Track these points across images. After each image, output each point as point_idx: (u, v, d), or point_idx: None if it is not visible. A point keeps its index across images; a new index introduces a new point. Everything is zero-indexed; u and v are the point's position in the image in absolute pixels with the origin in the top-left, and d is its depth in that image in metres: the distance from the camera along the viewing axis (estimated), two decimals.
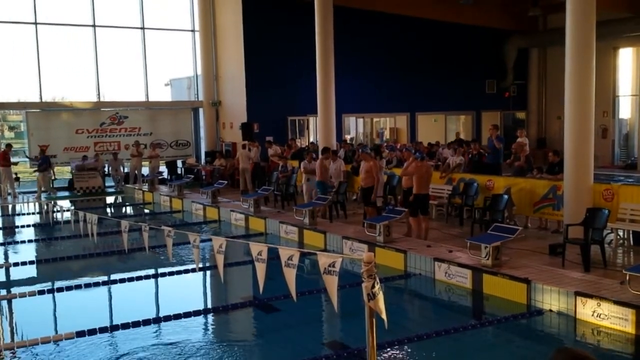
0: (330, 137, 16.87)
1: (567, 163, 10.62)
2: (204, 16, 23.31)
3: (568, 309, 7.45)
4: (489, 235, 9.10)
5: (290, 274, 4.73)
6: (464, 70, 25.00)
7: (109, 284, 9.80)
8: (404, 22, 23.14)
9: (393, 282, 9.44)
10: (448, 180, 13.49)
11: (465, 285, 8.74)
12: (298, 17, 19.99)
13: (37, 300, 8.72)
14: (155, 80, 23.76)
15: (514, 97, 27.05)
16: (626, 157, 24.50)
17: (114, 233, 12.19)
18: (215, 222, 15.13)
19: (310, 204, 13.01)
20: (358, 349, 6.31)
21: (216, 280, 9.33)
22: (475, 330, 7.45)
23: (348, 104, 21.09)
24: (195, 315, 7.88)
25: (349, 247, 10.85)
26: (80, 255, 11.57)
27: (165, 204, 17.96)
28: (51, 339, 6.94)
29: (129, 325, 7.37)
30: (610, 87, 24.27)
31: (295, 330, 7.62)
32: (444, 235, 11.49)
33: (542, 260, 9.17)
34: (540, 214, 11.72)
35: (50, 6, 21.47)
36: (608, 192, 10.40)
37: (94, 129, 22.05)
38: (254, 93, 21.83)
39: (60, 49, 21.98)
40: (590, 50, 10.42)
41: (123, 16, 22.79)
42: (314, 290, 8.29)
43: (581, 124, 10.49)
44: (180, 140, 23.65)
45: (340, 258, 4.39)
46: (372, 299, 3.98)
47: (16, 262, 11.03)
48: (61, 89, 23.42)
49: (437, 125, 25.87)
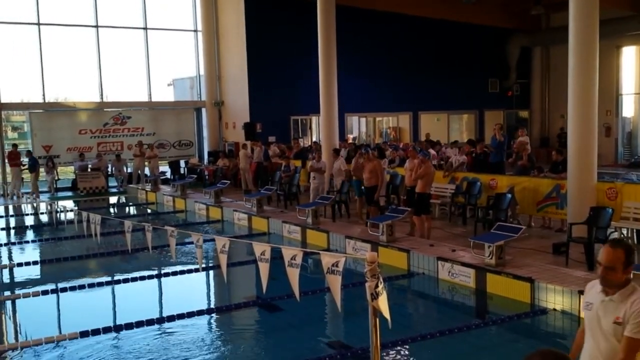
0: (333, 136, 16.85)
1: (571, 162, 10.60)
2: (206, 16, 23.32)
3: (572, 308, 7.42)
4: (492, 234, 9.08)
5: (294, 273, 4.73)
6: (467, 69, 24.98)
7: (112, 284, 9.81)
8: (407, 21, 23.13)
9: (396, 282, 9.43)
10: (451, 179, 13.48)
11: (469, 284, 8.73)
12: (300, 17, 19.98)
13: (41, 300, 8.73)
14: (158, 80, 23.85)
15: (516, 96, 27.04)
16: (630, 156, 24.46)
17: (117, 233, 12.20)
18: (218, 222, 15.13)
19: (313, 204, 13.01)
20: (361, 349, 6.30)
21: (219, 280, 9.33)
22: (479, 330, 7.44)
23: (351, 103, 21.08)
24: (198, 315, 7.87)
25: (352, 246, 10.84)
26: (83, 255, 11.59)
27: (168, 204, 17.98)
28: (55, 339, 6.94)
29: (133, 325, 7.37)
30: (613, 85, 24.24)
31: (298, 330, 7.62)
32: (447, 234, 11.47)
33: (546, 259, 9.16)
34: (544, 213, 11.70)
35: (53, 7, 21.51)
36: (612, 191, 10.36)
37: (97, 129, 22.09)
38: (256, 93, 21.85)
39: (63, 50, 22.02)
40: (593, 49, 10.39)
41: (126, 16, 22.83)
42: (317, 290, 8.29)
43: (584, 123, 10.46)
44: (183, 140, 23.68)
45: (343, 258, 4.39)
46: (376, 298, 3.97)
47: (20, 263, 11.05)
48: (64, 89, 23.49)
49: (439, 124, 25.86)
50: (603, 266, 3.35)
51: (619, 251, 3.34)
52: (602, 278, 3.37)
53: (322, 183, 14.68)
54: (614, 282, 3.35)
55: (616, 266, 3.31)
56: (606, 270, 3.34)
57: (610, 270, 3.32)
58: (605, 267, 3.34)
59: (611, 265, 3.32)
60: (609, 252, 3.34)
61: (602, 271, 3.36)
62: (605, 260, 3.34)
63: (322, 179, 14.68)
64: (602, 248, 3.40)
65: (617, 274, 3.33)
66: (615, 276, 3.33)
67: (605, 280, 3.36)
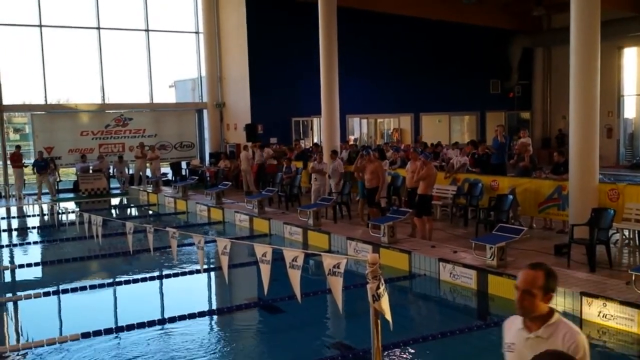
0: (335, 138, 16.86)
1: (572, 163, 10.59)
2: (207, 18, 23.34)
3: (574, 309, 7.42)
4: (493, 235, 9.07)
5: (295, 275, 4.73)
6: (468, 71, 24.97)
7: (113, 286, 9.82)
8: (408, 22, 23.13)
9: (398, 283, 9.42)
10: (452, 180, 13.47)
11: (470, 285, 8.72)
12: (301, 19, 19.99)
13: (42, 301, 8.74)
14: (159, 82, 23.88)
15: (518, 97, 27.01)
16: (631, 157, 24.42)
17: (118, 234, 12.20)
18: (219, 223, 15.13)
19: (314, 205, 13.01)
20: (363, 350, 6.30)
21: (221, 281, 9.32)
22: (480, 331, 7.42)
23: (352, 105, 21.08)
24: (200, 317, 7.87)
25: (353, 247, 10.84)
26: (85, 256, 11.60)
27: (170, 206, 17.98)
28: (56, 341, 6.95)
29: (134, 326, 7.38)
30: (615, 86, 24.21)
31: (299, 332, 7.61)
32: (448, 235, 11.47)
33: (548, 261, 9.12)
34: (545, 214, 11.69)
35: (55, 9, 21.55)
36: (613, 192, 10.35)
37: (98, 130, 22.11)
38: (257, 94, 21.86)
39: (65, 51, 22.05)
40: (595, 50, 10.38)
41: (127, 18, 22.86)
42: (319, 291, 8.28)
43: (586, 124, 10.45)
44: (185, 142, 23.69)
45: (344, 259, 4.38)
46: (377, 300, 3.96)
47: (21, 264, 11.06)
48: (66, 91, 23.55)
49: (441, 125, 25.86)
50: (520, 290, 2.93)
51: (539, 273, 2.95)
52: (519, 304, 2.95)
53: (323, 184, 14.69)
54: (532, 310, 2.93)
55: (534, 290, 2.90)
56: (523, 295, 2.92)
57: (528, 295, 2.91)
58: (523, 291, 2.92)
59: (528, 288, 2.90)
60: (527, 274, 2.95)
61: (519, 296, 2.94)
62: (522, 282, 2.93)
63: (323, 181, 14.69)
64: (520, 271, 3.01)
65: (535, 301, 2.91)
66: (534, 303, 2.91)
67: (522, 308, 2.94)
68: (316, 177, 14.74)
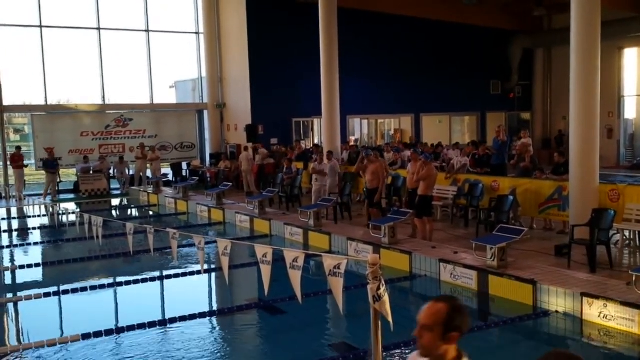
0: (335, 138, 16.86)
1: (573, 164, 10.59)
2: (208, 19, 23.34)
3: (574, 310, 7.41)
4: (494, 236, 9.07)
5: (296, 275, 4.73)
6: (469, 71, 24.97)
7: (114, 286, 9.82)
8: (408, 22, 23.12)
9: (398, 284, 9.41)
10: (453, 181, 13.47)
11: (471, 286, 8.72)
12: (302, 19, 20.00)
13: (43, 302, 8.75)
14: (160, 82, 23.86)
15: (518, 97, 27.00)
16: (632, 158, 24.41)
17: (119, 235, 12.20)
18: (220, 224, 15.13)
19: (315, 206, 13.02)
20: (364, 351, 6.30)
21: (221, 282, 9.31)
22: (481, 332, 7.41)
23: (352, 106, 21.08)
24: (200, 317, 7.87)
25: (354, 248, 10.83)
26: (85, 257, 11.59)
27: (170, 206, 17.98)
28: (57, 342, 6.95)
29: (135, 327, 7.38)
30: (615, 87, 24.20)
31: (300, 332, 7.61)
32: (449, 236, 11.47)
33: (548, 261, 9.14)
34: (546, 215, 11.68)
35: (56, 9, 21.55)
36: (614, 193, 10.35)
37: (99, 131, 22.10)
38: (258, 95, 21.85)
39: (65, 52, 22.05)
40: (595, 50, 10.38)
41: (128, 19, 22.86)
42: (319, 292, 8.27)
43: (586, 124, 10.45)
44: (185, 143, 23.69)
45: (345, 260, 4.38)
46: (378, 300, 3.97)
47: (22, 265, 11.06)
48: (66, 91, 23.54)
49: (441, 126, 25.85)
50: (418, 324, 2.55)
51: (441, 306, 2.52)
52: (417, 342, 2.57)
53: (324, 185, 14.69)
54: (431, 349, 2.51)
55: (432, 326, 2.50)
56: (421, 331, 2.53)
57: (427, 330, 2.51)
58: (421, 327, 2.53)
59: (426, 323, 2.52)
60: (429, 307, 2.56)
61: (416, 331, 2.55)
62: (422, 315, 2.54)
63: (324, 181, 14.69)
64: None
65: (432, 337, 2.49)
66: (431, 340, 2.50)
67: (420, 346, 2.55)
68: (317, 177, 14.75)
